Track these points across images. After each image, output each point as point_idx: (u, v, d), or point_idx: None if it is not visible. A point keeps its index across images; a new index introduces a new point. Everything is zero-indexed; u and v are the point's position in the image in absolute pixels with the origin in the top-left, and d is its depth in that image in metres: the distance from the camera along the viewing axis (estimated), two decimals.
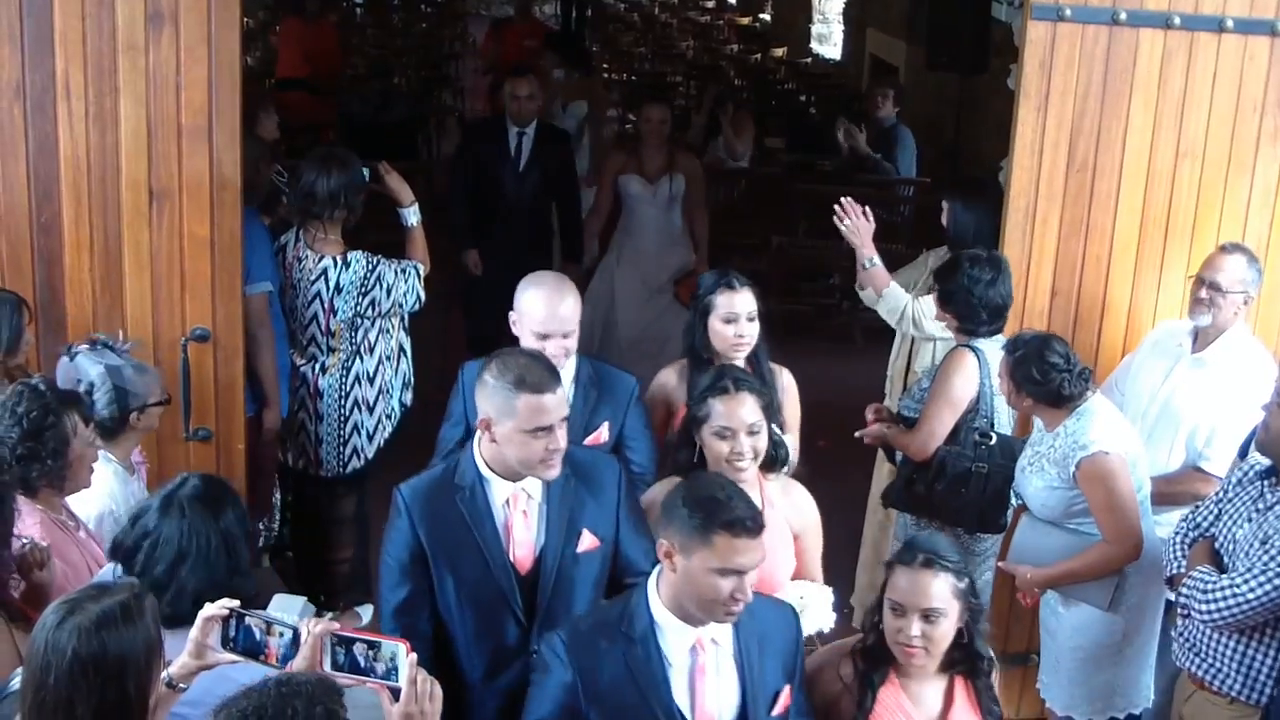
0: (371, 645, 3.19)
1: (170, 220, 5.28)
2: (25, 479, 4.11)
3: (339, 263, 5.93)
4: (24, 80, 5.13)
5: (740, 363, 5.00)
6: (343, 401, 6.09)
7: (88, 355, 4.69)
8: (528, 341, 4.59)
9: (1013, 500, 5.31)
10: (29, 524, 4.03)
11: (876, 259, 5.86)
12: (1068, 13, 5.43)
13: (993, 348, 5.27)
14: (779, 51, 18.34)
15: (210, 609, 3.30)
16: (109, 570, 3.82)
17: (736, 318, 5.00)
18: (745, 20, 21.58)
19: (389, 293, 5.97)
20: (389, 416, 6.20)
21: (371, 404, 6.14)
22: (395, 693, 3.16)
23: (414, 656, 3.14)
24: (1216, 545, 4.47)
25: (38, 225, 5.25)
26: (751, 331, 5.03)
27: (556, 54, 10.75)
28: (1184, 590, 4.39)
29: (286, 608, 3.68)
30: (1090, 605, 4.93)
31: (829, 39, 19.69)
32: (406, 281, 6.01)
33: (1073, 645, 5.05)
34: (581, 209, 8.61)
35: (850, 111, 13.13)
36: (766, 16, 22.15)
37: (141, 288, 5.32)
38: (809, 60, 18.28)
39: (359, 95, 12.27)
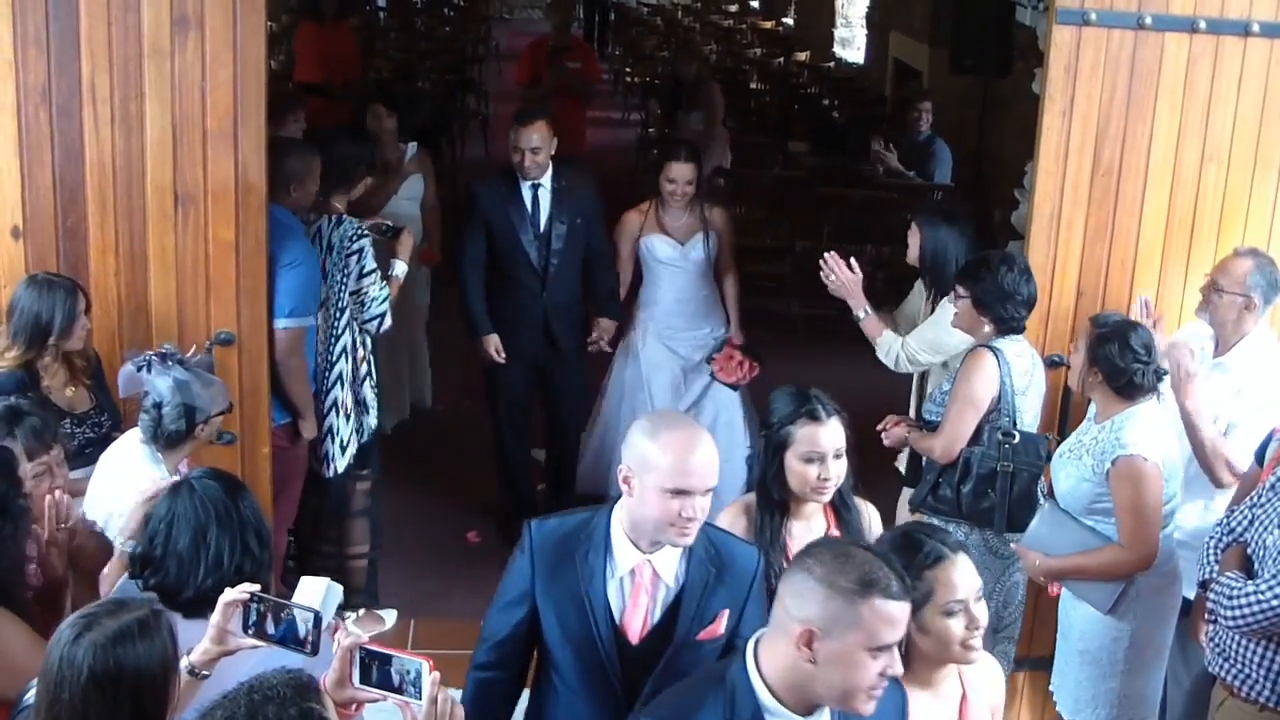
0: (396, 661, 3.19)
1: (195, 224, 5.30)
2: None
3: (332, 221, 6.11)
4: (50, 85, 5.15)
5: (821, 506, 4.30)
6: (322, 399, 6.12)
7: (158, 369, 4.65)
8: (650, 500, 3.52)
9: (1041, 498, 5.30)
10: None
11: (868, 309, 5.91)
12: (1093, 17, 5.41)
13: (1012, 347, 5.26)
14: (802, 56, 18.32)
15: (231, 594, 3.29)
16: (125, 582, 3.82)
17: (822, 456, 4.14)
18: (768, 24, 21.59)
19: (363, 273, 6.08)
20: (358, 432, 6.22)
21: (349, 411, 6.16)
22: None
23: (436, 675, 3.13)
24: (1249, 551, 4.44)
25: (64, 229, 5.27)
26: (839, 471, 4.18)
27: (391, 113, 8.18)
28: (1211, 595, 4.37)
29: (312, 590, 3.69)
30: (1090, 606, 4.92)
31: (852, 43, 19.68)
32: (380, 290, 6.15)
33: (1080, 649, 5.04)
34: (611, 262, 7.36)
35: (876, 119, 13.15)
36: (789, 21, 22.17)
37: (166, 292, 5.34)
38: (832, 64, 18.28)
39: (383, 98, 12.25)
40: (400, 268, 6.43)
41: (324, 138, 6.50)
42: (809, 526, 4.22)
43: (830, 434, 4.13)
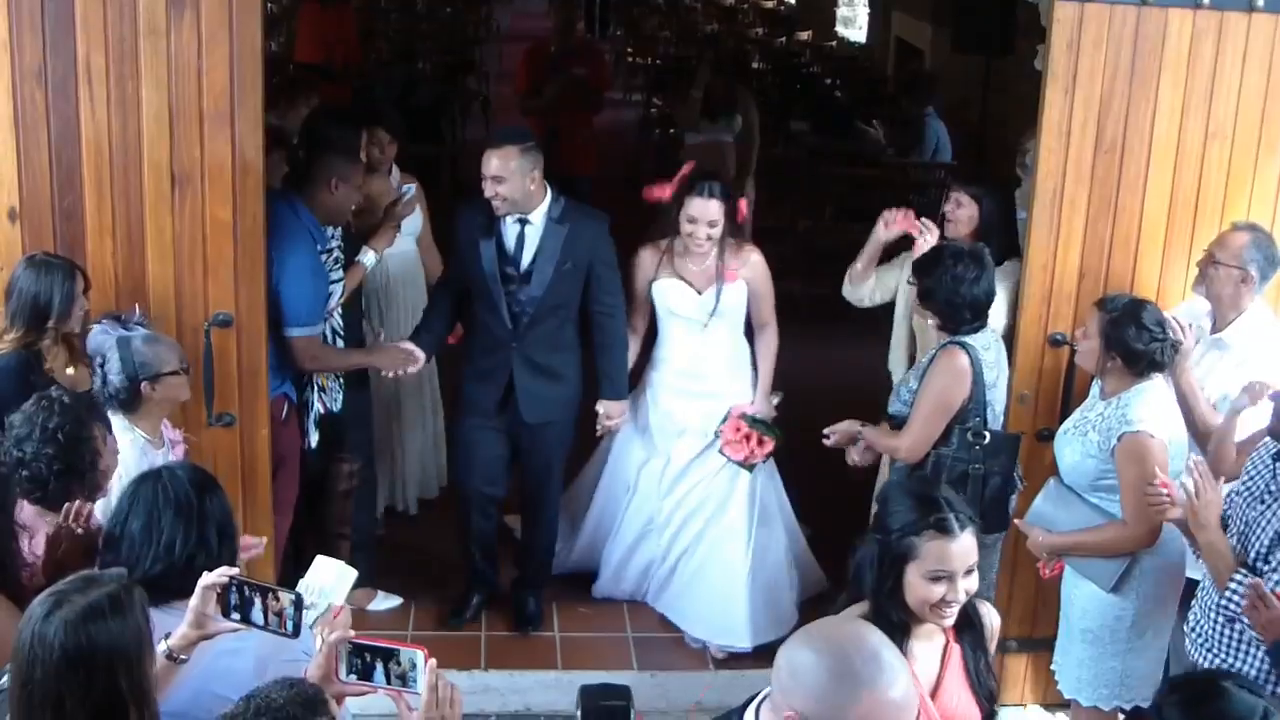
0: (388, 653, 3.18)
1: (193, 205, 5.27)
2: (64, 495, 4.07)
3: None
4: (45, 65, 5.12)
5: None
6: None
7: (101, 328, 4.74)
8: None
9: (1014, 502, 5.30)
10: (38, 543, 4.00)
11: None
12: None
13: (980, 339, 5.23)
14: (804, 35, 18.30)
15: (209, 577, 3.28)
16: None
17: (950, 575, 3.50)
18: (770, 3, 21.54)
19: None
20: (323, 413, 6.15)
21: (322, 389, 6.11)
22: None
23: (433, 662, 3.12)
24: (1228, 526, 4.40)
25: (60, 211, 5.25)
26: (969, 588, 3.56)
27: (394, 140, 7.01)
28: (1231, 601, 4.27)
29: (326, 570, 3.69)
30: (1093, 583, 4.90)
31: (854, 22, 19.66)
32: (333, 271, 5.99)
33: (1082, 627, 5.02)
34: (623, 324, 6.17)
35: (878, 98, 13.16)
36: (791, 0, 22.09)
37: (164, 273, 5.31)
38: (834, 44, 18.24)
39: (384, 80, 12.25)
40: (370, 256, 6.23)
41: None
42: (931, 643, 3.63)
43: (962, 550, 3.52)
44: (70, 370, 5.02)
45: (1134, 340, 4.79)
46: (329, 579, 3.81)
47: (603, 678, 6.10)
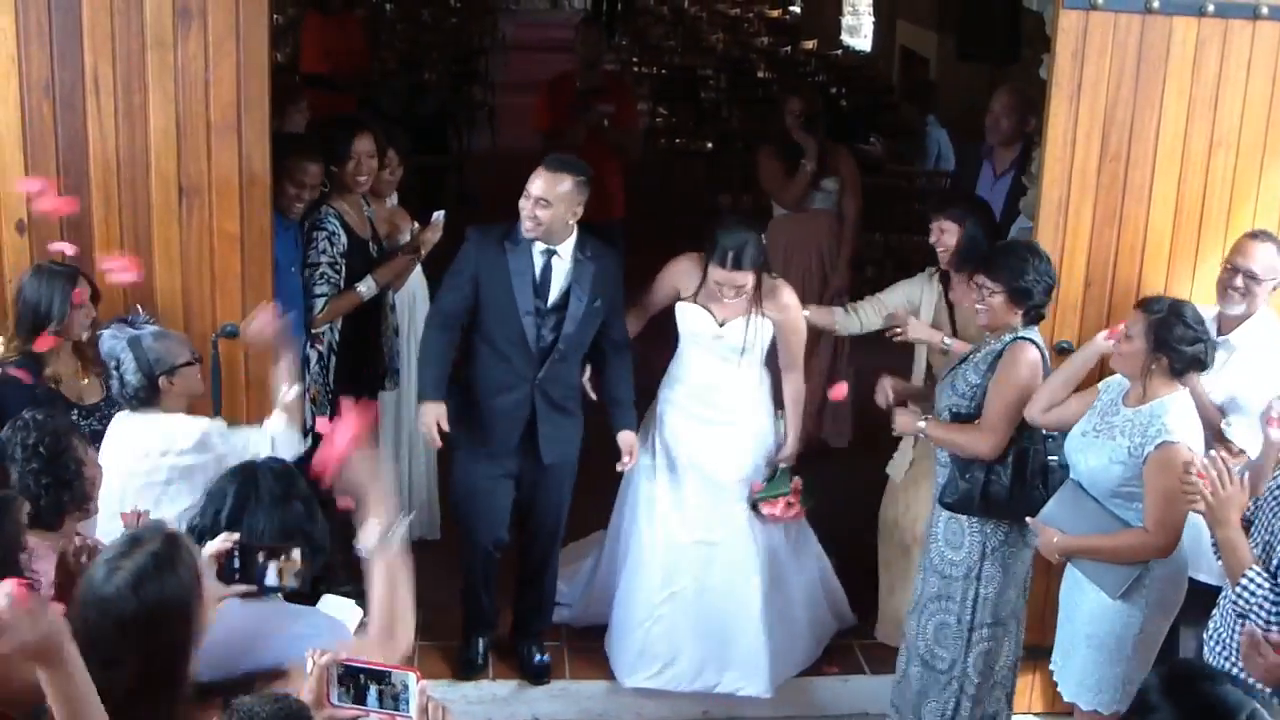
0: (379, 675, 3.16)
1: (200, 217, 5.30)
2: (57, 508, 4.05)
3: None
4: (53, 77, 5.15)
5: None
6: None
7: (110, 333, 4.75)
8: None
9: None
10: (45, 566, 3.96)
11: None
12: (1100, 1, 5.38)
13: (1037, 335, 5.23)
14: (809, 44, 18.29)
15: (213, 545, 3.38)
16: None
17: None
18: (775, 13, 21.53)
19: (307, 262, 5.89)
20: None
21: (313, 400, 6.05)
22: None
23: (424, 684, 3.11)
24: (1253, 531, 4.39)
25: (68, 223, 5.26)
26: None
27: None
28: (1240, 598, 4.27)
29: (336, 608, 3.70)
30: (1099, 589, 4.87)
31: (859, 31, 19.66)
32: (317, 285, 5.89)
33: (1088, 633, 4.99)
34: (629, 352, 5.89)
35: (882, 106, 13.17)
36: (796, 9, 22.10)
37: (171, 285, 5.34)
38: (839, 53, 18.23)
39: (389, 90, 12.26)
40: (368, 285, 6.02)
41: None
42: None
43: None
44: (84, 381, 5.07)
45: (1180, 340, 4.71)
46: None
47: (610, 688, 6.12)
